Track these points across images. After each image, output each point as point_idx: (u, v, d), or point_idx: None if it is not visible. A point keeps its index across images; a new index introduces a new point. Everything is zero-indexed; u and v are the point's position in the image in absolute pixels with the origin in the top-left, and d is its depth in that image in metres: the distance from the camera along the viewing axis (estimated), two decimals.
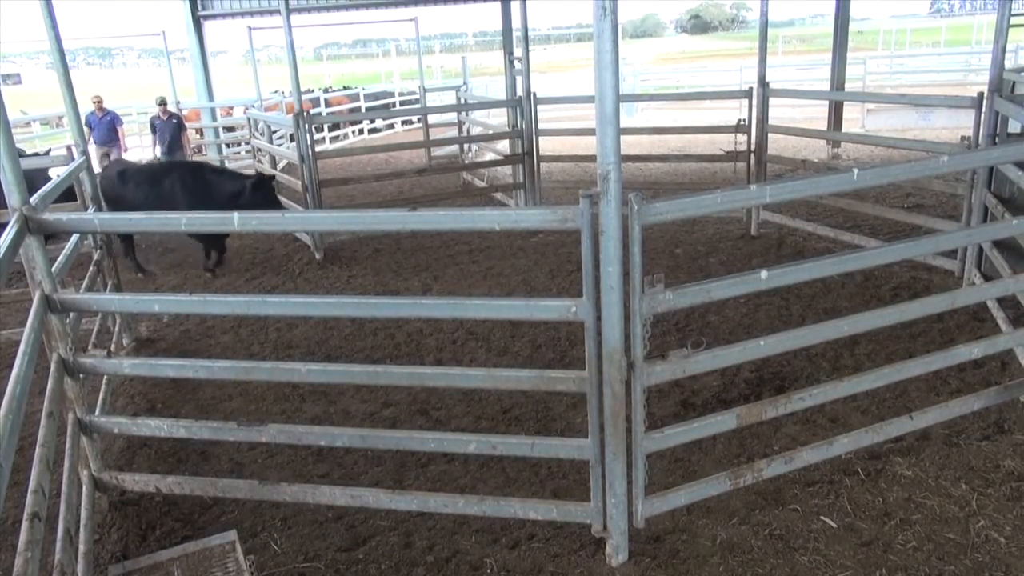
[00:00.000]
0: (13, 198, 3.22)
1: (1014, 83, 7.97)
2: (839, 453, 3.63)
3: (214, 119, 17.44)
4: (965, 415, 3.95)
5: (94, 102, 12.51)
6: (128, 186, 7.83)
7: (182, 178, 7.85)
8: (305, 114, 8.31)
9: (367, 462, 4.13)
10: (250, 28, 15.78)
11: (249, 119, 13.31)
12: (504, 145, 11.37)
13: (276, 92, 18.18)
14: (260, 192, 7.81)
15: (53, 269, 3.41)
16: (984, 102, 5.67)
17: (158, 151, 12.71)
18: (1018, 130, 6.09)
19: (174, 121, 12.57)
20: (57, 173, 5.41)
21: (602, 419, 2.97)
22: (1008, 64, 7.21)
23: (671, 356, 3.02)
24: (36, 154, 9.84)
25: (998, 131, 5.68)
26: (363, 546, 3.46)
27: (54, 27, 4.85)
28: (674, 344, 5.26)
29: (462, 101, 13.33)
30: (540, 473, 3.92)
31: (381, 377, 3.56)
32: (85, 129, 13.85)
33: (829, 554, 3.16)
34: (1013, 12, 5.60)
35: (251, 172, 9.25)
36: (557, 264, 7.46)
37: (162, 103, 12.59)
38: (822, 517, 3.39)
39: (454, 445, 3.41)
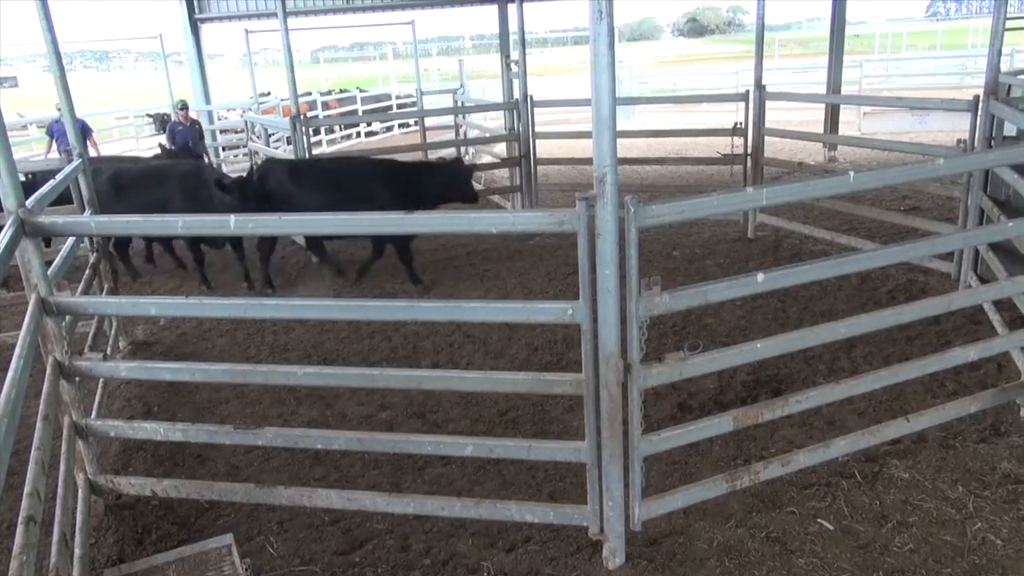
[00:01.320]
0: (9, 201, 3.21)
1: (1009, 86, 7.99)
2: (836, 456, 3.63)
3: (211, 122, 17.42)
4: (962, 418, 3.95)
5: (59, 109, 11.20)
6: (304, 185, 7.03)
7: (380, 174, 7.10)
8: (302, 117, 8.30)
9: (364, 465, 4.12)
10: (247, 31, 15.77)
11: (246, 122, 13.30)
12: (501, 148, 11.37)
13: (264, 96, 18.10)
14: (457, 177, 7.18)
15: (49, 272, 3.41)
16: (980, 105, 5.69)
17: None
18: (1014, 133, 6.11)
19: (196, 127, 11.78)
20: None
21: (599, 422, 2.97)
22: (1003, 67, 7.24)
23: (668, 359, 3.02)
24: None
25: (994, 134, 5.69)
26: (359, 549, 3.45)
27: (51, 30, 4.85)
28: (671, 347, 5.26)
29: (459, 104, 13.33)
30: (537, 476, 3.91)
31: (378, 380, 3.56)
32: (46, 139, 12.22)
33: (826, 556, 3.16)
34: (1008, 16, 5.62)
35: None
36: (554, 267, 7.46)
37: (183, 107, 11.71)
38: (819, 520, 3.39)
39: (451, 448, 3.41)
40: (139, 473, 4.17)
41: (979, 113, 5.70)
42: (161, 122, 16.84)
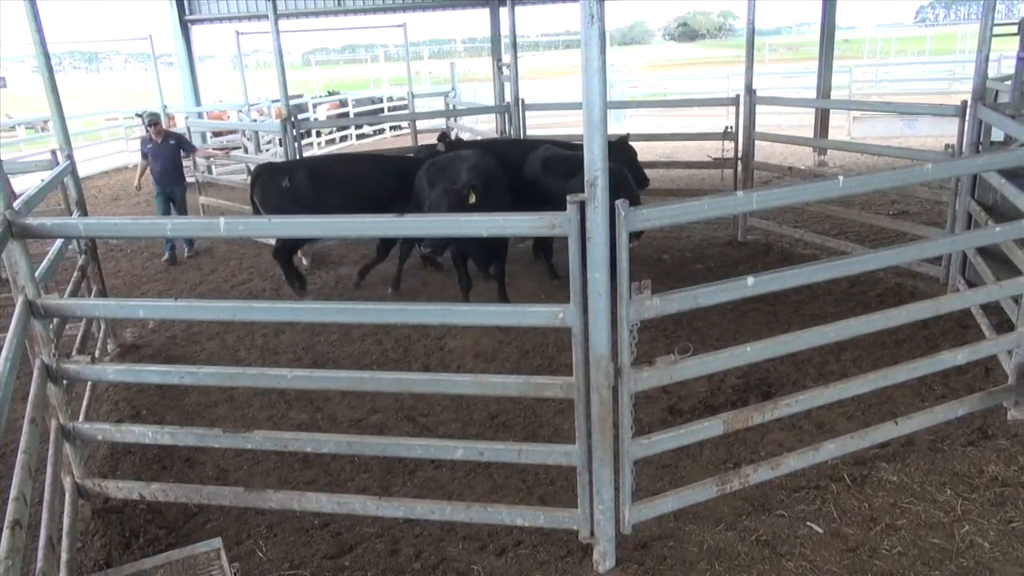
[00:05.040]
0: None
1: (997, 92, 8.06)
2: (825, 459, 3.65)
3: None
4: (950, 421, 3.98)
5: None
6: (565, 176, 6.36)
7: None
8: (293, 119, 8.27)
9: (354, 469, 4.11)
10: (238, 33, 15.72)
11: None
12: None
13: (259, 100, 18.04)
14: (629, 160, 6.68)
15: (37, 274, 3.38)
16: (968, 111, 5.73)
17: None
18: (1001, 138, 6.16)
19: (171, 142, 9.27)
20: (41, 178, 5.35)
21: (589, 425, 2.97)
22: (991, 73, 7.29)
23: (658, 362, 3.03)
24: None
25: (981, 139, 5.74)
26: (349, 553, 3.44)
27: (39, 30, 4.82)
28: (662, 350, 5.27)
29: (451, 107, 13.33)
30: (527, 479, 3.91)
31: (368, 383, 3.55)
32: None
33: (815, 560, 3.17)
34: (995, 22, 5.66)
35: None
36: (545, 270, 7.46)
37: (154, 123, 8.96)
38: (808, 523, 3.40)
39: (441, 451, 3.40)
40: (127, 477, 4.14)
41: (967, 118, 5.74)
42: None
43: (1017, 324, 4.05)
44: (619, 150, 6.93)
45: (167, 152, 8.72)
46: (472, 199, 5.43)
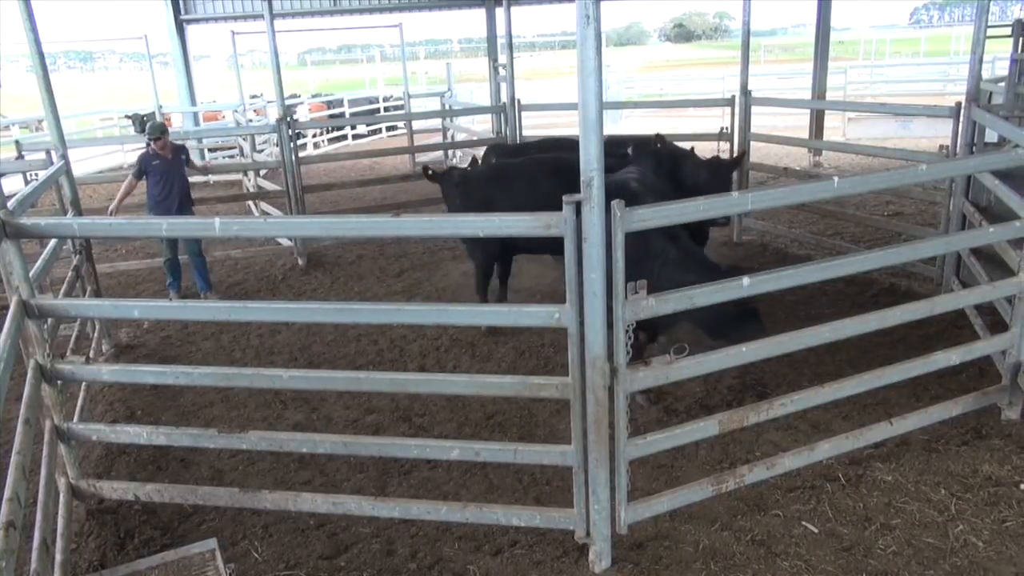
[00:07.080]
0: None
1: (991, 93, 8.09)
2: (820, 459, 3.66)
3: (196, 124, 17.31)
4: (944, 421, 4.00)
5: None
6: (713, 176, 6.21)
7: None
8: (289, 119, 8.26)
9: (349, 469, 4.11)
10: (233, 33, 15.69)
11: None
12: None
13: (255, 97, 18.03)
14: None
15: (31, 274, 3.37)
16: (961, 112, 5.75)
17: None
18: (995, 139, 6.18)
19: (182, 157, 7.15)
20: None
21: (585, 425, 2.97)
22: (985, 75, 7.32)
23: (654, 362, 3.04)
24: None
25: (975, 140, 5.76)
26: (345, 553, 3.44)
27: (34, 29, 4.80)
28: (657, 350, 5.27)
29: (447, 107, 13.33)
30: (523, 480, 3.91)
31: (364, 383, 3.55)
32: None
33: (810, 559, 3.18)
34: (989, 24, 5.68)
35: None
36: (541, 270, 7.46)
37: (160, 135, 6.82)
38: (803, 523, 3.41)
39: (437, 452, 3.40)
40: (122, 477, 4.13)
41: (961, 119, 5.77)
42: (141, 123, 16.65)
43: (1011, 324, 4.06)
44: (719, 170, 6.34)
45: (178, 169, 6.92)
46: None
